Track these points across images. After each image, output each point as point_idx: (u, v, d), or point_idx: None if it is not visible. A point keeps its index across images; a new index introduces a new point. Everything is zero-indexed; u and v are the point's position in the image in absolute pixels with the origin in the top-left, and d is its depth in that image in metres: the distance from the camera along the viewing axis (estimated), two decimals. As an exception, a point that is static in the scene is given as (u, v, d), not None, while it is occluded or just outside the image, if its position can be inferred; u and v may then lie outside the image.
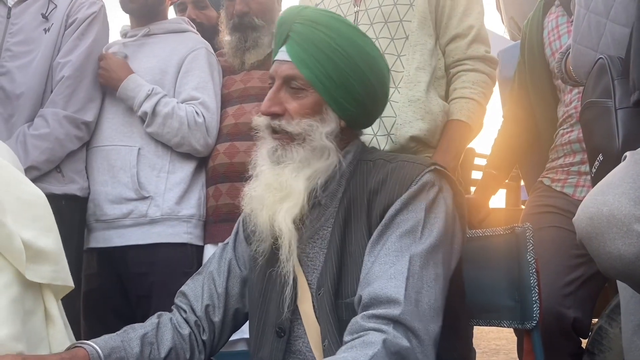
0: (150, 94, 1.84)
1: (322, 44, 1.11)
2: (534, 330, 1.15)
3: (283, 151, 1.13)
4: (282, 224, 1.08)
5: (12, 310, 0.94)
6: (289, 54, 1.13)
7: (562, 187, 1.86)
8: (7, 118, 1.74)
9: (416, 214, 1.03)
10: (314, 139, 1.11)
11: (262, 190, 1.13)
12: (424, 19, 1.62)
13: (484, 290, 1.20)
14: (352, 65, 1.11)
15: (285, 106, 1.13)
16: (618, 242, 0.87)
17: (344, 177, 1.15)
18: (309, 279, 1.11)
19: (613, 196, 0.89)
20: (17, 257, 0.97)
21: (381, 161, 1.14)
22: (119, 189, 1.83)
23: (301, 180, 1.10)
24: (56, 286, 1.06)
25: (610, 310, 1.65)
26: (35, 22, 1.82)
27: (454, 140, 1.61)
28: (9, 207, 1.00)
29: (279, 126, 1.13)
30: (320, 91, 1.12)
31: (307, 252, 1.14)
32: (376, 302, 0.96)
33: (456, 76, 1.67)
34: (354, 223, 1.09)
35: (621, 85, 1.07)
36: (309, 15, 1.14)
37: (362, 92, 1.13)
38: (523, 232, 1.19)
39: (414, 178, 1.06)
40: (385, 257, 1.00)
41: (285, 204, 1.09)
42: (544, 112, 1.95)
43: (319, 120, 1.12)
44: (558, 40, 1.89)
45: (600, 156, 1.11)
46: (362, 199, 1.10)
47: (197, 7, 2.34)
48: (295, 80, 1.12)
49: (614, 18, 1.17)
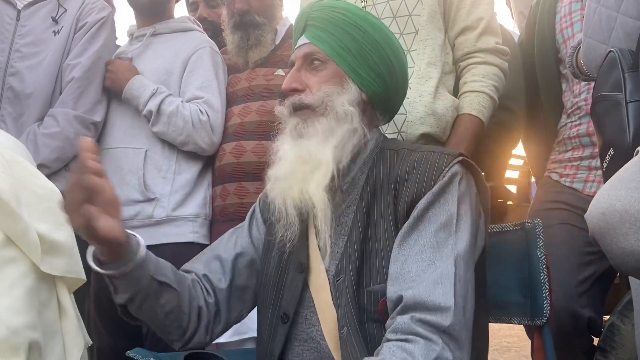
0: (155, 92, 1.85)
1: (338, 21, 1.15)
2: (545, 326, 1.14)
3: (304, 124, 1.12)
4: (315, 195, 1.07)
5: (28, 299, 0.96)
6: (307, 38, 1.17)
7: (572, 183, 1.84)
8: (16, 117, 1.77)
9: (449, 207, 1.01)
10: (335, 106, 1.11)
11: (289, 167, 1.12)
12: (433, 12, 1.59)
13: (493, 286, 1.19)
14: (368, 39, 1.14)
15: (305, 82, 1.15)
16: (631, 238, 0.86)
17: (367, 165, 1.14)
18: (326, 265, 1.10)
19: (626, 191, 0.88)
20: (32, 250, 0.98)
21: (405, 150, 1.12)
22: (126, 191, 1.84)
23: (328, 149, 1.09)
24: (69, 279, 1.08)
25: (623, 307, 1.64)
26: (45, 24, 1.86)
27: (466, 135, 1.58)
28: (24, 200, 1.01)
29: (299, 100, 1.14)
30: (338, 62, 1.14)
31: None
32: (422, 308, 0.93)
33: (466, 69, 1.63)
34: (378, 211, 1.08)
35: (632, 79, 1.06)
36: (323, 4, 1.18)
37: (381, 65, 1.15)
38: (533, 228, 1.18)
39: (443, 169, 1.04)
40: (422, 253, 0.98)
41: (316, 174, 1.08)
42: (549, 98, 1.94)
43: (339, 89, 1.13)
44: (570, 27, 1.86)
45: (611, 150, 1.10)
46: (388, 187, 1.08)
47: (208, 5, 2.36)
48: (314, 55, 1.15)
49: (625, 11, 1.16)
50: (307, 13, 1.19)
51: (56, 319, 1.03)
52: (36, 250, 0.99)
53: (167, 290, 1.11)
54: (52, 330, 1.01)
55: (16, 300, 0.94)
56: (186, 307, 1.14)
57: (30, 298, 0.96)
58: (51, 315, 1.02)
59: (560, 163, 1.91)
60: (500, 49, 1.63)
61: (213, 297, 1.21)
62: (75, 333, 1.05)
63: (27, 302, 0.95)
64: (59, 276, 1.05)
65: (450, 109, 1.57)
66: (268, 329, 1.15)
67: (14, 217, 0.96)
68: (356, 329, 1.01)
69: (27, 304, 0.95)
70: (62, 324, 1.04)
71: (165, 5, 2.05)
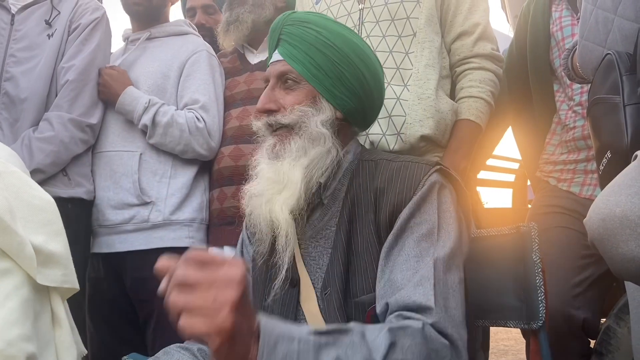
0: (148, 106, 1.85)
1: (311, 39, 1.14)
2: (541, 330, 1.14)
3: (281, 145, 1.13)
4: (278, 214, 1.08)
5: (23, 311, 0.95)
6: (280, 54, 1.17)
7: (569, 187, 1.85)
8: (12, 122, 1.76)
9: (430, 216, 1.03)
10: (309, 126, 1.12)
11: (262, 186, 1.14)
12: (431, 15, 1.59)
13: (489, 290, 1.19)
14: (341, 56, 1.13)
15: (279, 102, 1.15)
16: (631, 244, 0.85)
17: (346, 177, 1.15)
18: (312, 279, 1.11)
19: (626, 197, 0.88)
20: (28, 264, 0.99)
21: (383, 161, 1.14)
22: (121, 194, 1.84)
23: (298, 169, 1.10)
24: (63, 288, 1.07)
25: (619, 310, 1.63)
26: (39, 28, 1.84)
27: (464, 141, 1.59)
28: (19, 212, 1.01)
29: (275, 121, 1.15)
30: (312, 82, 1.14)
31: (309, 251, 1.13)
32: (406, 309, 0.94)
33: (462, 75, 1.64)
34: (360, 222, 1.09)
35: (629, 81, 1.06)
36: (297, 17, 1.18)
37: (354, 82, 1.15)
38: (528, 232, 1.17)
39: (421, 178, 1.06)
40: (406, 263, 0.99)
41: (283, 194, 1.10)
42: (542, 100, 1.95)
43: (313, 109, 1.14)
44: (560, 31, 1.90)
45: (608, 153, 1.10)
46: (368, 198, 1.10)
47: (206, 12, 2.37)
48: (288, 74, 1.15)
49: (622, 13, 1.16)
50: (281, 26, 1.18)
51: (50, 329, 1.03)
52: (32, 263, 0.98)
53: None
54: (45, 341, 1.01)
55: (11, 312, 0.93)
56: None
57: (25, 309, 0.96)
58: (45, 325, 1.02)
59: (554, 165, 1.91)
60: (496, 55, 1.65)
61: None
62: (69, 343, 1.05)
63: (22, 314, 0.95)
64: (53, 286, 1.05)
65: (449, 112, 1.57)
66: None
67: (9, 231, 0.96)
68: None
69: (22, 315, 0.94)
70: (55, 334, 1.04)
71: (160, 10, 2.04)
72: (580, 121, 1.82)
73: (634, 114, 1.04)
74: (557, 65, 1.89)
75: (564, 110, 1.89)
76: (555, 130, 1.94)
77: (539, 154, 2.00)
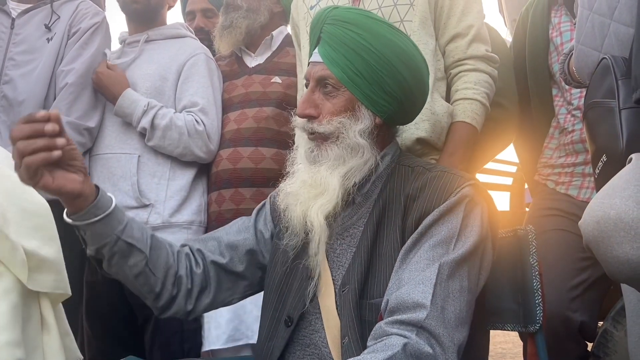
0: (147, 108, 1.85)
1: (351, 42, 1.13)
2: (538, 333, 1.14)
3: (318, 151, 1.15)
4: (314, 220, 1.10)
5: (13, 316, 0.94)
6: (320, 55, 1.16)
7: (567, 190, 1.85)
8: (10, 125, 1.76)
9: (451, 225, 1.03)
10: (347, 137, 1.13)
11: (297, 187, 1.15)
12: (424, 18, 1.60)
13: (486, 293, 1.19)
14: (381, 60, 1.12)
15: (319, 107, 1.16)
16: (626, 246, 0.86)
17: (381, 179, 1.16)
18: (333, 275, 1.12)
19: (620, 199, 0.88)
20: (19, 269, 0.98)
21: (420, 168, 1.14)
22: (119, 197, 1.83)
23: (336, 177, 1.12)
24: (54, 294, 1.06)
25: (616, 313, 1.64)
26: (39, 32, 1.85)
27: (460, 143, 1.58)
28: (12, 217, 1.00)
29: (312, 129, 1.16)
30: (351, 89, 1.14)
31: (334, 248, 1.14)
32: (402, 307, 0.96)
33: (457, 77, 1.64)
34: (388, 225, 1.10)
35: (625, 86, 1.06)
36: (338, 15, 1.16)
37: (395, 86, 1.14)
38: (525, 235, 1.17)
39: (454, 189, 1.06)
40: (416, 264, 1.00)
41: (319, 200, 1.11)
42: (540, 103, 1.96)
43: (351, 118, 1.14)
44: (559, 36, 1.91)
45: (604, 157, 1.10)
46: (399, 203, 1.10)
47: (205, 16, 2.37)
48: (327, 80, 1.15)
49: (618, 18, 1.16)
50: (321, 24, 1.17)
51: (38, 334, 1.02)
52: (23, 268, 0.98)
53: (135, 252, 1.13)
54: (33, 346, 1.00)
55: (1, 316, 0.93)
56: (159, 272, 1.17)
57: (15, 314, 0.95)
58: (33, 330, 1.01)
59: (552, 169, 1.92)
60: (490, 57, 1.65)
61: (202, 268, 1.23)
62: (57, 349, 1.04)
63: (12, 319, 0.94)
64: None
65: (445, 115, 1.57)
66: (267, 330, 1.17)
67: (0, 236, 0.96)
68: (357, 340, 1.03)
69: (11, 320, 0.94)
70: (43, 339, 1.03)
71: (158, 12, 2.04)
72: (578, 125, 1.83)
73: (630, 118, 1.04)
74: (556, 70, 1.90)
75: (563, 114, 1.90)
76: (554, 134, 1.95)
77: (537, 157, 2.00)
